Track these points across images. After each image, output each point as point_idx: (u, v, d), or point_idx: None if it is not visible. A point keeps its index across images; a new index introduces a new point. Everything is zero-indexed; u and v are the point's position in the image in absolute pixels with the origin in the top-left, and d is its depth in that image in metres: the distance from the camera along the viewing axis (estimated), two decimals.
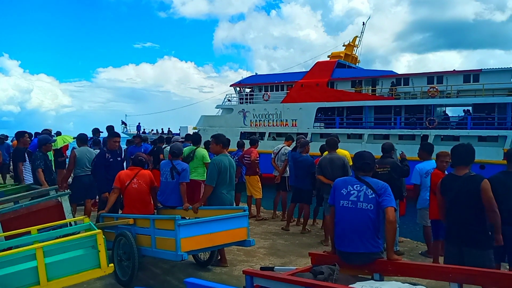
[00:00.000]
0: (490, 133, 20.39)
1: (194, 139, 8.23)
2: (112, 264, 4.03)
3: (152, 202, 5.87)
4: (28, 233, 4.59)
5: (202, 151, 7.80)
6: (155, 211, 6.30)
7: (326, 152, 7.62)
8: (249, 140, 9.92)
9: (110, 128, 10.41)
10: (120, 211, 6.08)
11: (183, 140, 9.89)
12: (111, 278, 4.95)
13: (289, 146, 9.31)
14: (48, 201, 5.54)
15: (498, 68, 22.06)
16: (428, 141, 20.63)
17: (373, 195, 3.54)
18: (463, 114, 23.27)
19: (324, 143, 7.42)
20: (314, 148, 9.33)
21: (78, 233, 4.42)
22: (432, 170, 6.03)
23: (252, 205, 9.52)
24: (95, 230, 4.05)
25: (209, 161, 7.64)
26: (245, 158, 9.26)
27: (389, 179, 5.68)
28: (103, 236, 3.94)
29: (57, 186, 6.54)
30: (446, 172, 5.98)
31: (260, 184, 9.35)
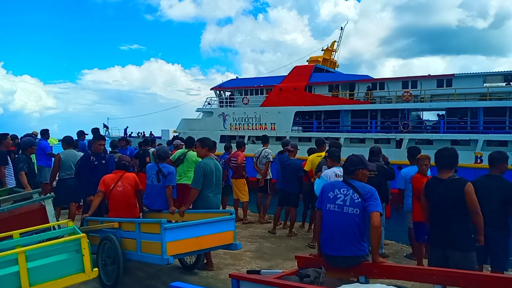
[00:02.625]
0: (462, 137, 20.76)
1: (186, 142, 8.16)
2: (96, 269, 3.98)
3: (137, 205, 5.82)
4: (10, 237, 4.49)
5: (194, 154, 7.75)
6: (141, 214, 6.24)
7: (313, 155, 7.70)
8: (235, 143, 9.91)
9: (95, 131, 10.31)
10: (105, 215, 6.01)
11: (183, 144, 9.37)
12: (95, 282, 4.88)
13: (267, 148, 9.36)
14: (31, 204, 5.43)
15: (470, 73, 22.56)
16: (402, 145, 20.94)
17: (359, 200, 3.56)
18: (437, 118, 23.74)
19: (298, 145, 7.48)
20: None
21: (62, 237, 4.34)
22: None
23: (239, 208, 9.50)
24: (79, 234, 3.99)
25: None
26: (232, 161, 9.24)
27: (376, 183, 5.73)
28: (88, 240, 3.88)
29: (40, 189, 6.42)
30: (429, 175, 6.08)
31: (246, 187, 9.33)
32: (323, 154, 7.46)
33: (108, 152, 7.98)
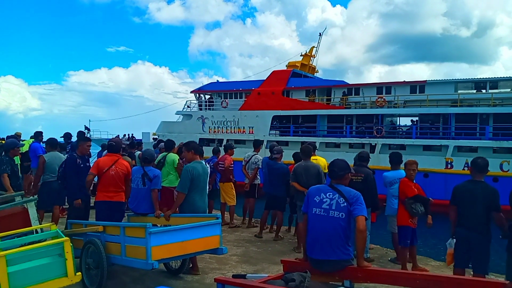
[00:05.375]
0: (433, 143, 21.10)
1: (166, 145, 8.13)
2: (79, 273, 3.93)
3: (124, 192, 5.92)
4: None
5: (173, 156, 7.71)
6: (126, 218, 6.17)
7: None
8: (223, 147, 9.91)
9: (81, 133, 10.22)
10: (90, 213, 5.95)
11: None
12: (78, 287, 4.79)
13: (258, 153, 9.37)
14: (13, 207, 5.34)
15: (442, 79, 22.98)
16: (376, 149, 21.17)
17: (345, 204, 3.58)
18: (411, 123, 24.10)
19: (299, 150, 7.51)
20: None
21: (45, 240, 4.28)
22: (398, 180, 6.17)
23: (225, 212, 9.48)
24: (62, 237, 3.94)
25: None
26: (220, 165, 9.23)
27: (363, 188, 5.75)
28: (71, 244, 3.83)
29: (23, 192, 6.32)
30: (414, 181, 6.15)
31: (234, 191, 9.32)
32: (319, 159, 7.53)
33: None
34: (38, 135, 10.00)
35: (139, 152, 9.63)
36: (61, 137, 10.74)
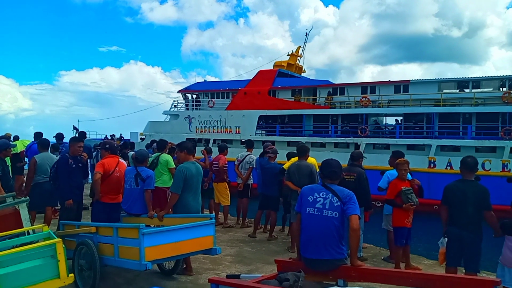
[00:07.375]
0: (417, 142, 21.30)
1: (158, 145, 8.10)
2: (72, 274, 3.92)
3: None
4: None
5: (166, 156, 7.69)
6: (120, 217, 6.14)
7: (294, 159, 7.72)
8: (218, 147, 9.91)
9: (82, 133, 10.19)
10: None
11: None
12: None
13: (251, 153, 9.37)
14: (4, 208, 5.29)
15: (426, 79, 23.15)
16: (360, 149, 21.28)
17: (338, 203, 3.60)
18: (395, 123, 24.31)
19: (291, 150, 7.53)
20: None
21: (37, 242, 4.24)
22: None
23: (219, 212, 9.47)
24: (55, 238, 3.91)
25: (173, 166, 7.53)
26: (214, 165, 9.21)
27: (355, 187, 5.77)
28: (63, 245, 3.81)
29: (14, 193, 6.25)
30: (409, 178, 6.17)
31: (228, 191, 9.31)
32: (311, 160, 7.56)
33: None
34: (39, 136, 9.95)
35: (132, 152, 9.58)
36: (53, 137, 10.69)
